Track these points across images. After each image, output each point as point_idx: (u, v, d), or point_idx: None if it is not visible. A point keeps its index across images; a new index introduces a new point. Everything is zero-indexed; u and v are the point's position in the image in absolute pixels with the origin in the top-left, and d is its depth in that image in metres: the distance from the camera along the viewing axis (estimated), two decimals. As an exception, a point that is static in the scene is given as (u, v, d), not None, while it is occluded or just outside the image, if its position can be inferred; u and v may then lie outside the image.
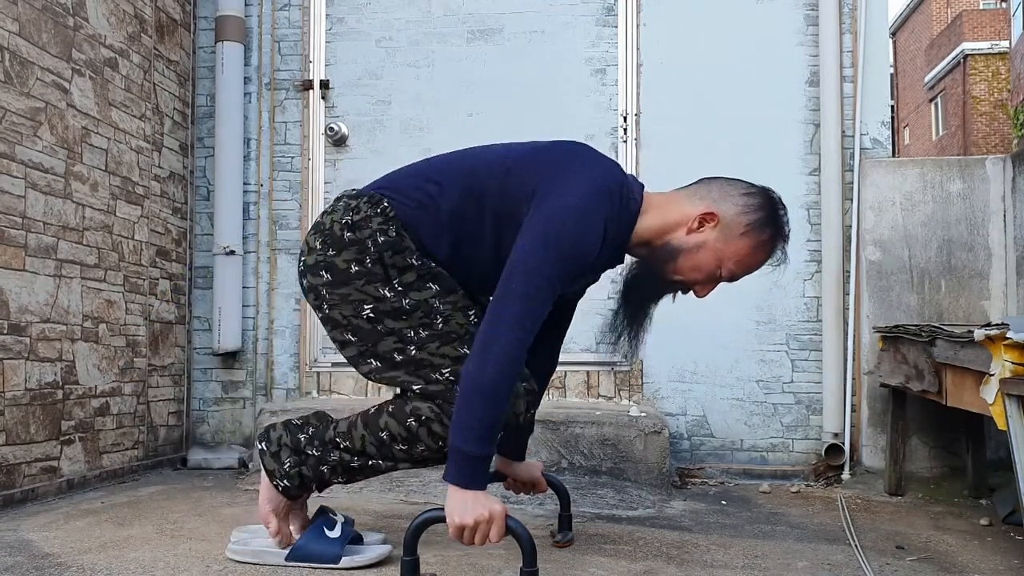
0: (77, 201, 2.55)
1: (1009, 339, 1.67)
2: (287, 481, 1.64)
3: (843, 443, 2.87)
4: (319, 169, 3.24)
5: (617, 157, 3.09)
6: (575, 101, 3.14)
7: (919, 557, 1.90)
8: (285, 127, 3.25)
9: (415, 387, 1.56)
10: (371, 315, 1.58)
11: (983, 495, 2.59)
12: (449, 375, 1.54)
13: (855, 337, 2.95)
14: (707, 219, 1.58)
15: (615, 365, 3.04)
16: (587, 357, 3.06)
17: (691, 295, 1.69)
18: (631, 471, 2.60)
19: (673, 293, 1.68)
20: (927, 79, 22.78)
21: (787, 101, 3.05)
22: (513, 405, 1.55)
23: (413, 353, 1.56)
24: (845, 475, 2.85)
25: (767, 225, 1.58)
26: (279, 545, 1.68)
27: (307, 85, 3.23)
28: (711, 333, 2.98)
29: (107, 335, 2.69)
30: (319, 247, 1.62)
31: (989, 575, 1.77)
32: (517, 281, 1.42)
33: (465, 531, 1.39)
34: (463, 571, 1.66)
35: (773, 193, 1.62)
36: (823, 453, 2.89)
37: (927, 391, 2.23)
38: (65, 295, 2.49)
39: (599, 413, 2.69)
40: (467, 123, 3.18)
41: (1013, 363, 1.68)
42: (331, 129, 3.19)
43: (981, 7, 22.11)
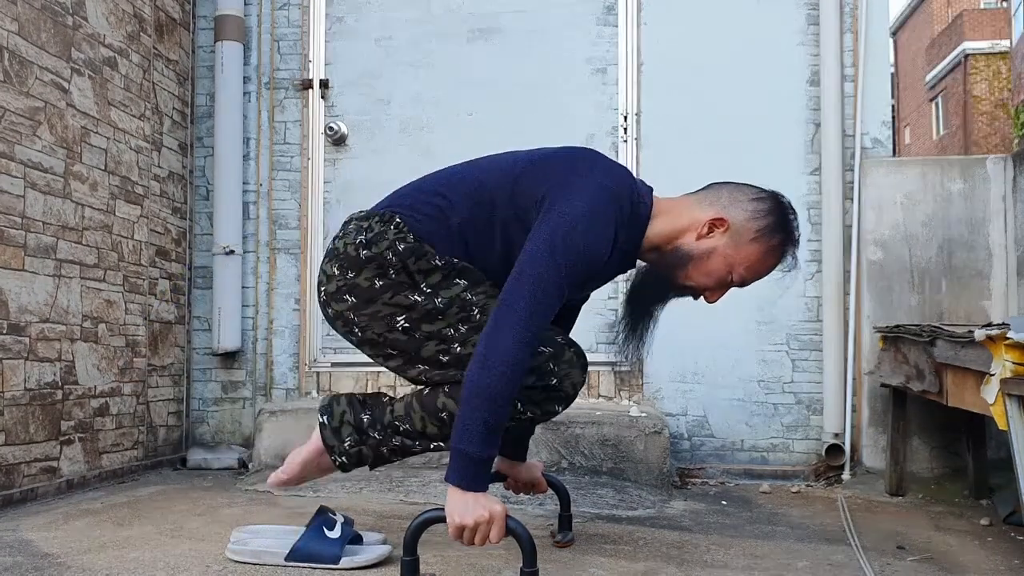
0: (76, 201, 2.55)
1: (1010, 339, 1.67)
2: (345, 459, 1.65)
3: (843, 443, 2.87)
4: (319, 169, 3.24)
5: (617, 157, 3.09)
6: (575, 101, 3.13)
7: (920, 557, 1.90)
8: (285, 127, 3.25)
9: None
10: (405, 325, 1.57)
11: (984, 495, 2.59)
12: None
13: (856, 337, 2.94)
14: (717, 225, 1.58)
15: (615, 365, 3.04)
16: (588, 357, 3.05)
17: (689, 299, 1.69)
18: (631, 471, 2.60)
19: (682, 298, 1.68)
20: (928, 79, 22.78)
21: (788, 101, 3.04)
22: (569, 375, 1.57)
23: (458, 350, 1.56)
24: (845, 475, 2.85)
25: (777, 230, 1.58)
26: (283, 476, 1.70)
27: (307, 84, 3.23)
28: (711, 333, 2.98)
29: (107, 335, 2.69)
30: (337, 272, 1.61)
31: (989, 575, 1.77)
32: (523, 284, 1.41)
33: (465, 531, 1.38)
34: (463, 571, 1.66)
35: (783, 198, 1.62)
36: (823, 453, 2.89)
37: (928, 391, 2.22)
38: (64, 295, 2.49)
39: (599, 413, 2.69)
40: (467, 123, 3.17)
41: (1014, 363, 1.67)
42: (331, 129, 3.18)
43: (982, 7, 22.10)
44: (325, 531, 1.68)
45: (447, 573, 1.64)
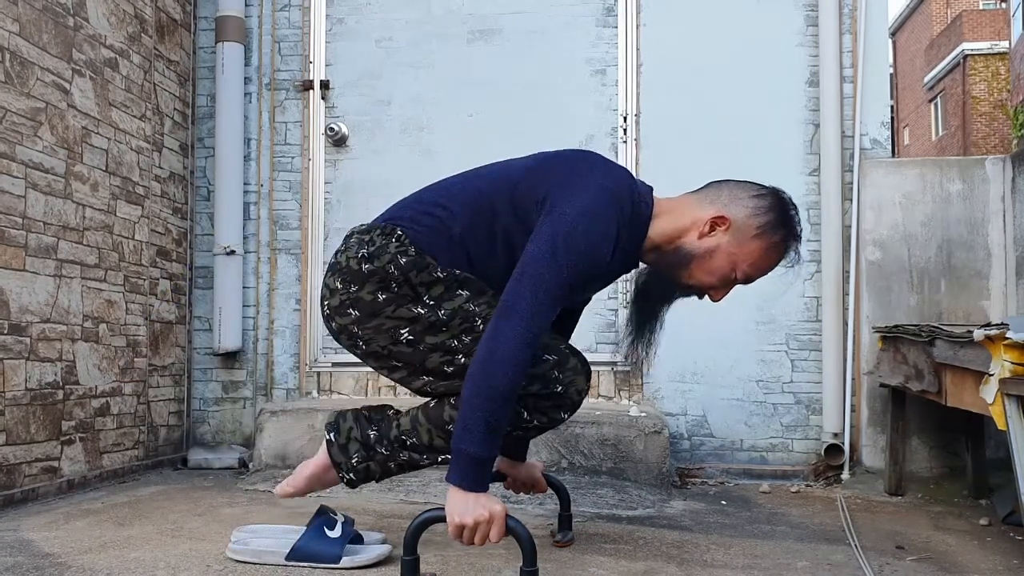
0: (77, 201, 2.55)
1: (1009, 339, 1.67)
2: (352, 475, 1.66)
3: (843, 443, 2.87)
4: (319, 169, 3.25)
5: (617, 157, 3.10)
6: (575, 101, 3.14)
7: (919, 557, 1.90)
8: (285, 127, 3.26)
9: None
10: (409, 337, 1.57)
11: (983, 495, 2.59)
12: None
13: (855, 337, 2.95)
14: (718, 223, 1.58)
15: (615, 365, 3.05)
16: (587, 357, 3.06)
17: (689, 299, 1.69)
18: (631, 471, 2.60)
19: (687, 297, 1.68)
20: (927, 79, 22.78)
21: (787, 101, 3.05)
22: (573, 383, 1.58)
23: (462, 360, 1.56)
24: (845, 475, 2.85)
25: (779, 226, 1.59)
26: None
27: (307, 85, 3.24)
28: (711, 333, 2.98)
29: (107, 335, 2.69)
30: (340, 286, 1.61)
31: (989, 575, 1.78)
32: (525, 285, 1.42)
33: (465, 531, 1.39)
34: (463, 571, 1.66)
35: (783, 194, 1.63)
36: (823, 453, 2.89)
37: (927, 391, 2.23)
38: (65, 295, 2.49)
39: (599, 413, 2.70)
40: (467, 123, 3.18)
41: (1013, 363, 1.68)
42: (331, 129, 3.19)
43: (981, 7, 22.11)
44: (326, 531, 1.68)
45: (447, 573, 1.64)
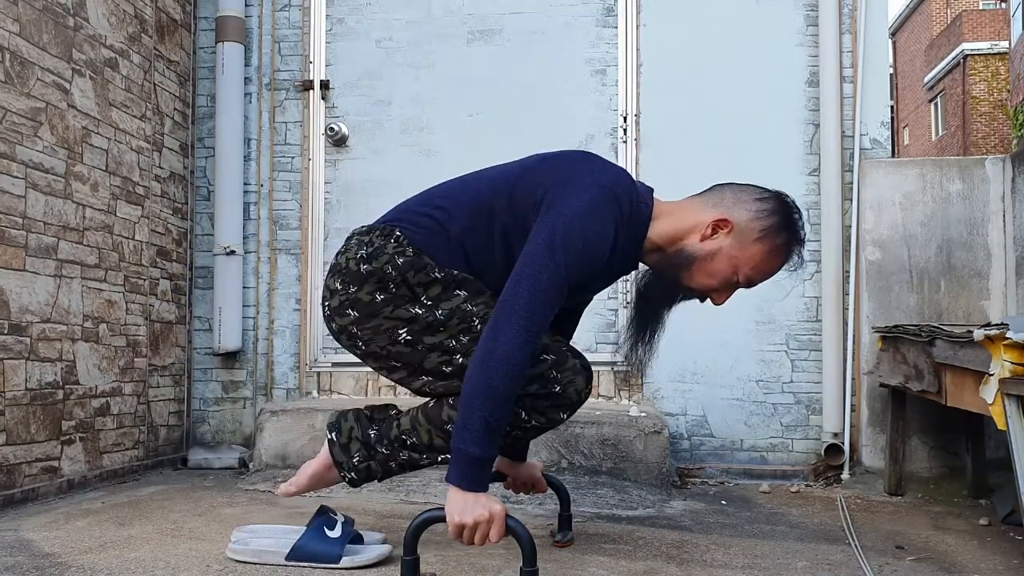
0: (77, 201, 2.56)
1: (1008, 339, 1.67)
2: (354, 474, 1.67)
3: (843, 443, 2.87)
4: (319, 169, 3.25)
5: (617, 157, 3.10)
6: (575, 101, 3.14)
7: (919, 557, 1.90)
8: (285, 127, 3.26)
9: None
10: (408, 338, 1.58)
11: (982, 495, 2.59)
12: None
13: (855, 337, 2.95)
14: (721, 225, 1.58)
15: (615, 365, 3.05)
16: (587, 357, 3.06)
17: (692, 300, 1.69)
18: (631, 471, 2.60)
19: (689, 300, 1.68)
20: (927, 79, 22.78)
21: (787, 101, 3.05)
22: (572, 383, 1.58)
23: (460, 360, 1.57)
24: (845, 475, 2.85)
25: (782, 229, 1.58)
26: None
27: (307, 85, 3.24)
28: (711, 333, 2.98)
29: (107, 335, 2.69)
30: (339, 287, 1.62)
31: (988, 575, 1.78)
32: (523, 284, 1.42)
33: (465, 531, 1.39)
34: (463, 571, 1.66)
35: (787, 197, 1.63)
36: (823, 453, 2.89)
37: (927, 391, 2.23)
38: (65, 295, 2.50)
39: (599, 413, 2.70)
40: (467, 123, 3.18)
41: (1012, 363, 1.68)
42: (331, 129, 3.19)
43: (981, 7, 22.11)
44: (326, 531, 1.68)
45: (447, 573, 1.65)
